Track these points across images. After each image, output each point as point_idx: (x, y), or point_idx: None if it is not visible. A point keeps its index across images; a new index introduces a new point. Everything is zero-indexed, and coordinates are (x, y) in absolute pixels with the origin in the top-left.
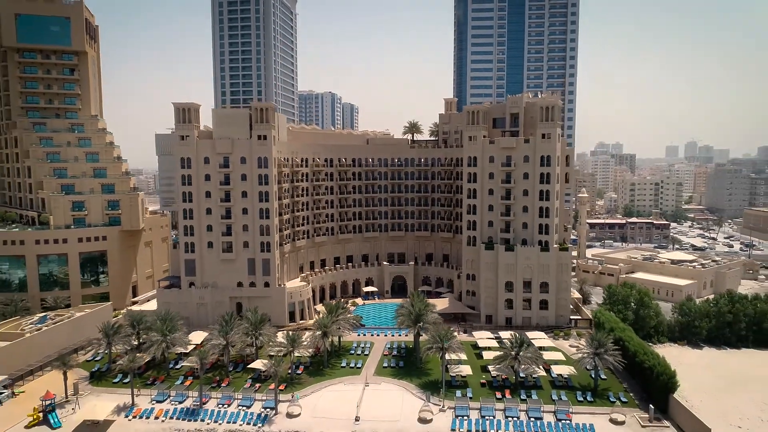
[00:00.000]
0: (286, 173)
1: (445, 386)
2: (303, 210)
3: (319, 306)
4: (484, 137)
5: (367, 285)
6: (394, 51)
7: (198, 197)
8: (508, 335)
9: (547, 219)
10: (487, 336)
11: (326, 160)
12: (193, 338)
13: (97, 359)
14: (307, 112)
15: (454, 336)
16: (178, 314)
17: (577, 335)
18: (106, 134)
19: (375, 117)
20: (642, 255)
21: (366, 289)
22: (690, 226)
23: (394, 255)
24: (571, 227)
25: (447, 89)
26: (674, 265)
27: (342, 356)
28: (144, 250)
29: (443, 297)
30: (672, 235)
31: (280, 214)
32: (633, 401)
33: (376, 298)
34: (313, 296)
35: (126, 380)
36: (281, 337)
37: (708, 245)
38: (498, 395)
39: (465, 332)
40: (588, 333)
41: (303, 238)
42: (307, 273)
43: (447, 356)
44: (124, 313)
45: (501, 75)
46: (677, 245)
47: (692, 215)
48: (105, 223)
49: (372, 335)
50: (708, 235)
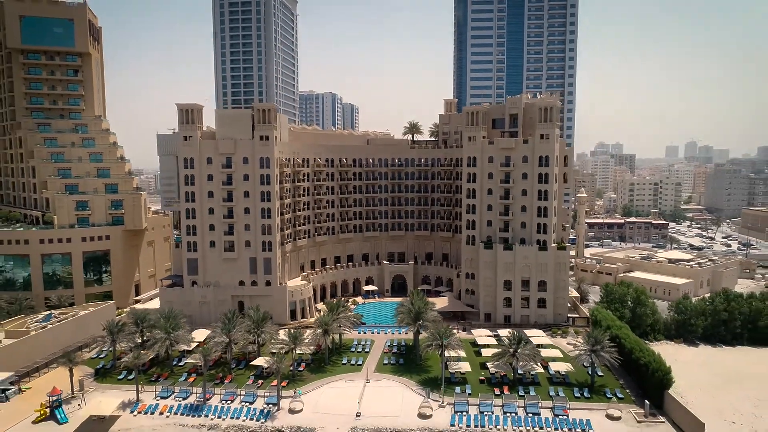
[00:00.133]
0: (288, 173)
1: (445, 383)
2: (304, 209)
3: (320, 305)
4: (484, 138)
5: (368, 284)
6: (395, 52)
7: (201, 197)
8: (507, 333)
9: (546, 218)
10: (486, 334)
11: (327, 161)
12: (196, 336)
13: (102, 357)
14: (308, 113)
15: (454, 333)
16: (181, 312)
17: (575, 333)
18: (110, 134)
19: (375, 117)
20: (640, 254)
21: (366, 288)
22: (689, 226)
23: (394, 254)
24: (570, 227)
25: (447, 90)
26: (671, 264)
27: (343, 354)
28: (146, 250)
29: (443, 296)
30: (670, 235)
31: (282, 214)
32: (629, 397)
33: (376, 297)
34: (314, 295)
35: (130, 377)
36: (283, 335)
37: (706, 245)
38: (496, 391)
39: (464, 330)
40: (585, 331)
41: (304, 238)
42: (308, 272)
43: (446, 353)
44: (127, 312)
45: (501, 76)
46: (675, 245)
47: (691, 215)
48: (108, 223)
49: (372, 333)
50: (706, 235)
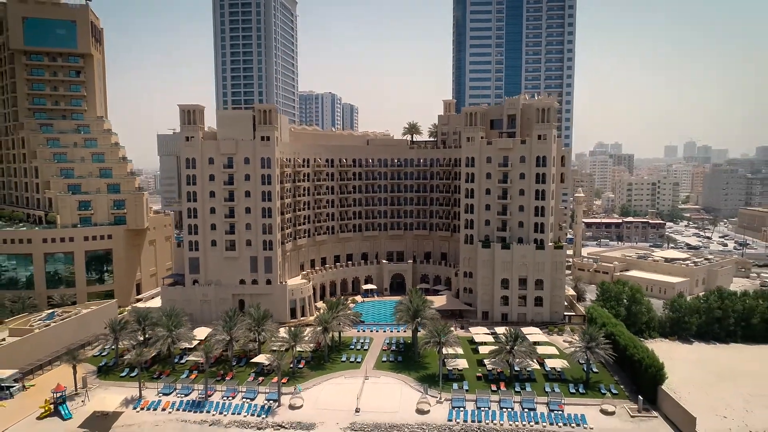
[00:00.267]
0: (288, 173)
1: (443, 379)
2: (304, 209)
3: (320, 303)
4: (482, 138)
5: (367, 283)
6: (394, 52)
7: (202, 196)
8: (504, 331)
9: (543, 218)
10: (484, 332)
11: (327, 161)
12: (197, 334)
13: (104, 354)
14: (308, 113)
15: (451, 331)
16: (183, 311)
17: (571, 331)
18: (112, 135)
19: (375, 117)
20: (636, 253)
21: (365, 287)
22: (686, 226)
23: (393, 253)
24: (568, 226)
25: (446, 90)
26: (667, 263)
27: (342, 351)
28: (148, 249)
29: (441, 294)
30: (667, 234)
31: (282, 213)
32: (623, 393)
33: (376, 296)
34: (314, 294)
35: (133, 374)
36: (283, 333)
37: (703, 244)
38: (493, 388)
39: (462, 328)
40: (581, 328)
41: (304, 237)
42: (308, 271)
43: (444, 350)
44: (129, 311)
45: (499, 76)
46: (672, 244)
47: (689, 215)
48: (110, 222)
49: (371, 331)
50: (703, 235)
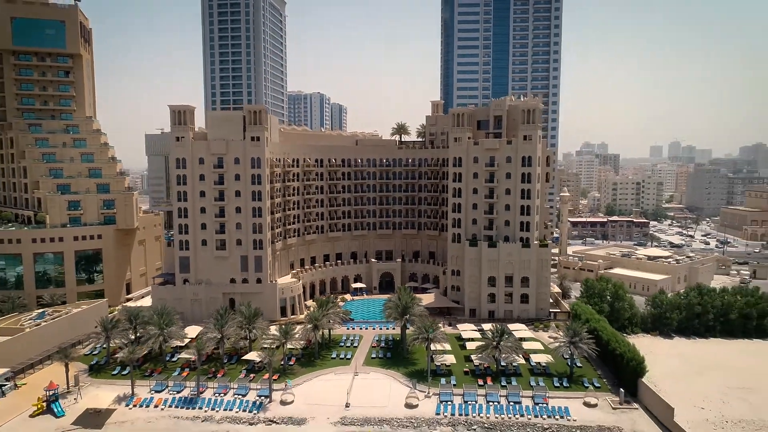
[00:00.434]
0: (278, 173)
1: (431, 375)
2: (294, 209)
3: (310, 302)
4: (469, 139)
5: (356, 281)
6: (382, 53)
7: (193, 196)
8: (490, 327)
9: (528, 217)
10: (471, 328)
11: (317, 161)
12: (188, 333)
13: (95, 353)
14: (296, 113)
15: (439, 327)
16: (174, 309)
17: (556, 327)
18: (101, 135)
19: (363, 117)
20: (621, 252)
21: (354, 286)
22: (670, 225)
23: (382, 252)
24: (554, 225)
25: (434, 91)
26: (650, 261)
27: (332, 348)
28: (137, 249)
29: (429, 292)
30: (651, 233)
31: (272, 213)
32: (605, 386)
33: (365, 294)
34: (304, 292)
35: (124, 372)
36: (274, 330)
37: (685, 243)
38: (480, 382)
39: (450, 325)
40: (566, 325)
41: (294, 236)
42: (298, 270)
43: (432, 347)
44: (120, 310)
45: (486, 77)
46: (655, 242)
47: (672, 214)
48: (100, 222)
49: (361, 329)
50: (686, 233)
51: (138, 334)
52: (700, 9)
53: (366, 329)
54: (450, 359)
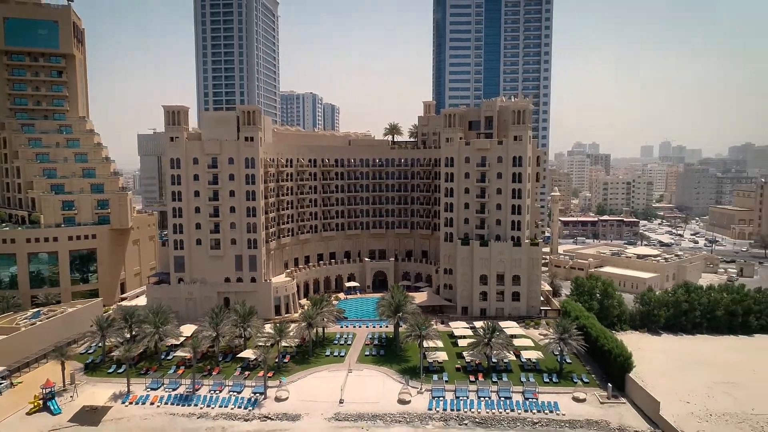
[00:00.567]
0: (272, 173)
1: (423, 371)
2: (288, 208)
3: (304, 300)
4: (461, 139)
5: (349, 280)
6: (375, 54)
7: (187, 196)
8: (482, 324)
9: (519, 216)
10: (463, 326)
11: (310, 161)
12: (183, 331)
13: (90, 352)
14: (289, 113)
15: (432, 325)
16: (169, 308)
17: (547, 324)
18: (94, 135)
19: (356, 118)
20: (611, 250)
21: (348, 285)
22: (659, 224)
23: (375, 251)
24: (545, 224)
25: (426, 91)
26: (640, 260)
27: (326, 346)
28: (132, 249)
29: (422, 291)
30: (641, 232)
31: (266, 213)
32: (594, 381)
33: (358, 293)
34: (298, 291)
35: (120, 370)
36: (269, 328)
37: (675, 241)
38: (471, 378)
39: (442, 323)
40: (556, 322)
41: (288, 236)
42: (292, 269)
43: (425, 344)
44: (114, 309)
45: (478, 78)
46: (645, 241)
47: (662, 213)
48: (94, 222)
49: (354, 327)
50: (675, 232)
51: (133, 333)
52: (693, 11)
53: (359, 327)
54: (442, 356)
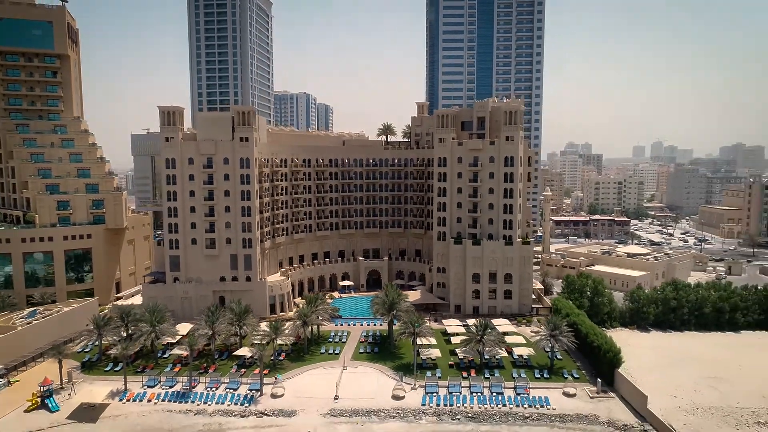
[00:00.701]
0: (267, 173)
1: (417, 368)
2: (282, 208)
3: (299, 299)
4: (453, 139)
5: (344, 279)
6: (369, 55)
7: (182, 196)
8: (474, 322)
9: (511, 215)
10: (456, 324)
11: (304, 161)
12: (179, 330)
13: (87, 350)
14: (283, 113)
15: (425, 322)
16: (165, 307)
17: (538, 322)
18: (89, 135)
19: (349, 118)
20: (601, 249)
21: (342, 284)
22: (650, 223)
23: (369, 251)
24: (537, 224)
25: (420, 92)
26: (630, 258)
27: (321, 344)
28: (127, 248)
29: (415, 289)
30: (632, 231)
31: (261, 212)
32: (584, 377)
33: (352, 292)
34: (292, 290)
35: (117, 369)
36: (264, 327)
37: (665, 240)
38: (464, 374)
39: (435, 321)
40: (547, 319)
41: (282, 235)
42: (287, 268)
43: (418, 341)
44: (110, 308)
45: (471, 78)
46: (636, 240)
47: (653, 213)
48: (90, 222)
49: (349, 325)
50: (666, 231)
51: (130, 332)
52: (686, 11)
53: (354, 325)
54: (435, 353)
